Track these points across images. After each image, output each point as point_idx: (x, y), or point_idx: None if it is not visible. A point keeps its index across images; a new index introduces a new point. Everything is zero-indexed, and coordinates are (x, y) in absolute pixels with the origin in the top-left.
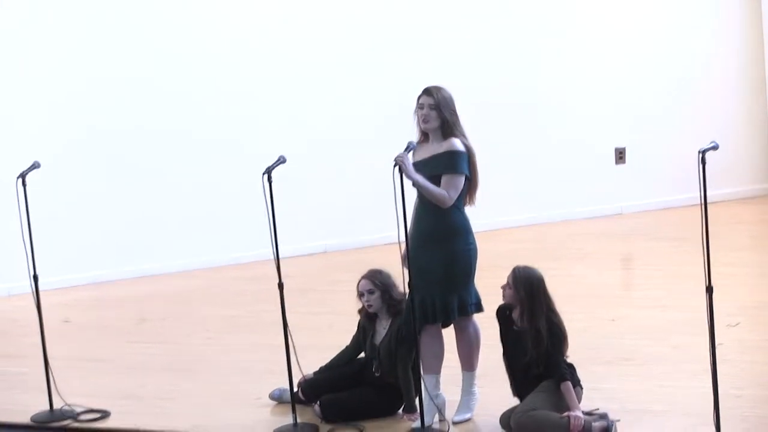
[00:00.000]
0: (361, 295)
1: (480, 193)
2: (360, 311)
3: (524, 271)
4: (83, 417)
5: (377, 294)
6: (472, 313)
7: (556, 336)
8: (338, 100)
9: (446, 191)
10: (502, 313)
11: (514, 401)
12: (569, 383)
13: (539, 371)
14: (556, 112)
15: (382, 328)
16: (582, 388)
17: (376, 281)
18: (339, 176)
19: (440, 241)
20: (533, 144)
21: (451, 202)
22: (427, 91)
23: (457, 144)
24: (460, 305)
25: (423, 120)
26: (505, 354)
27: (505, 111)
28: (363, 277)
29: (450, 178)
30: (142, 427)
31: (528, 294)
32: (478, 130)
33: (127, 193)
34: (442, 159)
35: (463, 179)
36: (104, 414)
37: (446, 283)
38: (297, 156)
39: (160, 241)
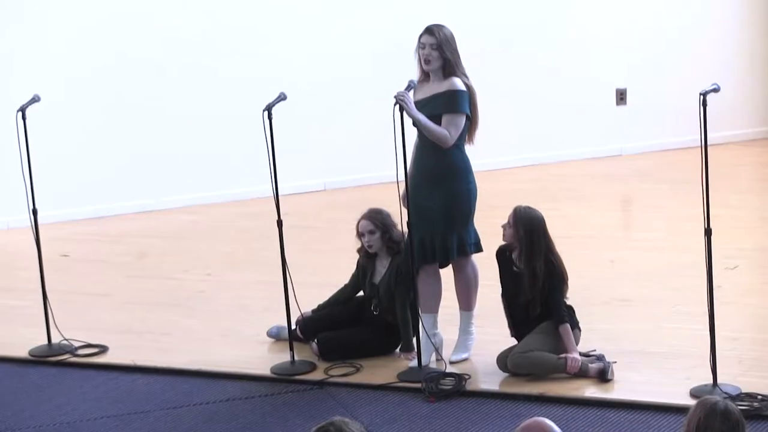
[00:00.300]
0: (361, 235)
1: (479, 133)
2: (359, 250)
3: (525, 211)
4: (81, 351)
5: (378, 234)
6: (471, 253)
7: (556, 278)
8: (339, 38)
9: (447, 130)
10: (502, 254)
11: (512, 341)
12: (568, 326)
13: (537, 312)
14: (557, 53)
15: (382, 267)
16: (580, 330)
17: (377, 221)
18: (339, 114)
19: (440, 180)
20: (534, 84)
21: (452, 142)
22: (429, 30)
23: (458, 83)
24: (459, 245)
25: (425, 60)
26: (504, 295)
27: (505, 52)
28: (363, 217)
29: (451, 118)
30: (139, 362)
31: (528, 234)
32: (478, 71)
33: (127, 129)
34: (443, 98)
35: (464, 119)
36: (102, 349)
37: (446, 222)
38: (297, 93)
39: (159, 177)
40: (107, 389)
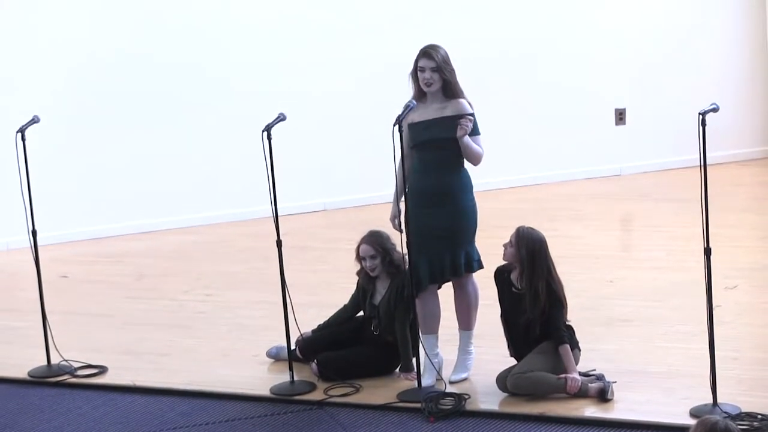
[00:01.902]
0: (362, 259)
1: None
2: (359, 273)
3: (528, 231)
4: (80, 372)
5: (378, 259)
6: (477, 269)
7: (556, 299)
8: (340, 57)
9: (482, 150)
10: (500, 275)
11: (511, 361)
12: (567, 346)
13: (537, 332)
14: (556, 73)
15: (382, 287)
16: (580, 350)
17: (377, 246)
18: (339, 134)
19: (449, 197)
20: (533, 104)
21: (482, 160)
22: (427, 54)
23: (466, 106)
24: (466, 261)
25: (426, 84)
26: (503, 315)
27: (504, 71)
28: (363, 242)
29: (477, 139)
30: (139, 383)
31: (529, 254)
32: (477, 90)
33: (127, 149)
34: (455, 121)
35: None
36: (102, 369)
37: (455, 239)
38: (298, 113)
39: (159, 197)
40: (107, 410)
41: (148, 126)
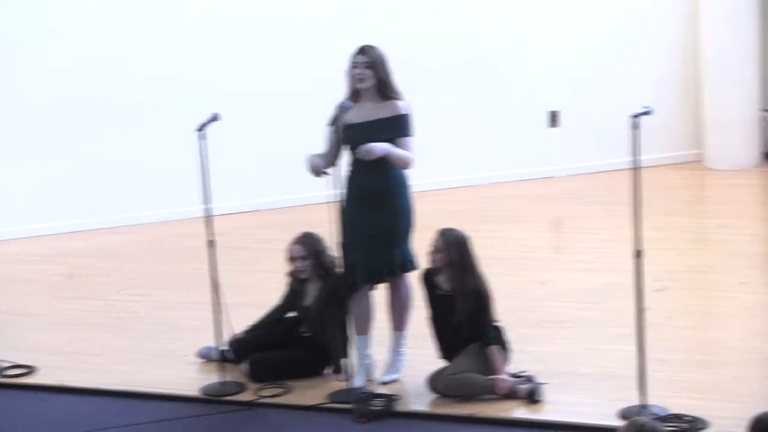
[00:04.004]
0: (292, 259)
1: (414, 152)
2: (290, 273)
3: (452, 232)
4: (9, 372)
5: (309, 261)
6: (412, 270)
7: (483, 298)
8: (273, 57)
9: (412, 154)
10: (427, 278)
11: (442, 363)
12: (495, 347)
13: (467, 333)
14: (489, 75)
15: (313, 289)
16: (510, 351)
17: (308, 247)
18: (273, 134)
19: (386, 197)
20: (466, 106)
21: (413, 163)
22: (362, 50)
23: (402, 107)
24: (402, 261)
25: (358, 79)
26: (431, 317)
27: (438, 72)
28: (295, 242)
29: (408, 141)
30: (69, 383)
31: (459, 255)
32: (413, 93)
33: (58, 148)
34: (392, 123)
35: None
36: (30, 369)
37: (391, 239)
38: (232, 114)
39: (91, 197)
40: (36, 411)
41: (79, 126)
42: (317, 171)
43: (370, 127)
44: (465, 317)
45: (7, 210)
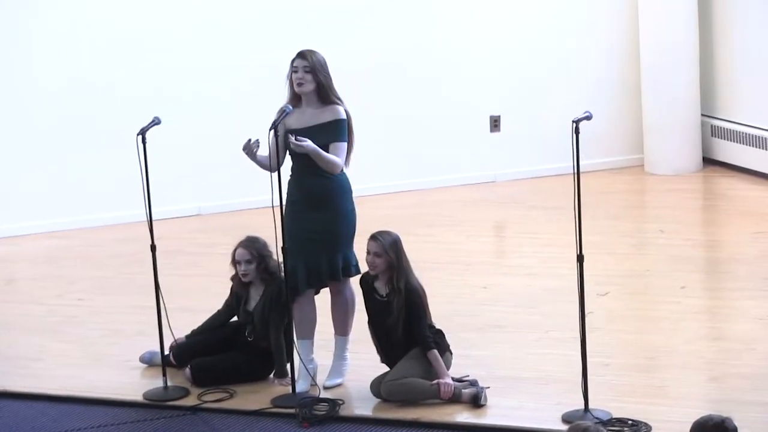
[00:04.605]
0: (237, 263)
1: (353, 158)
2: (233, 278)
3: (387, 235)
4: None
5: (254, 264)
6: (355, 274)
7: (420, 296)
8: (214, 62)
9: (340, 159)
10: (365, 282)
11: (386, 367)
12: (435, 351)
13: (402, 336)
14: (430, 79)
15: (256, 293)
16: (452, 353)
17: (253, 251)
18: (213, 137)
19: (327, 200)
20: (408, 110)
21: (341, 168)
22: (302, 55)
23: (341, 111)
24: (344, 265)
25: (297, 83)
26: (369, 322)
27: (380, 77)
28: (240, 246)
29: (341, 146)
30: (8, 387)
31: (397, 257)
32: (352, 95)
33: None
34: (330, 128)
35: (347, 144)
36: None
37: (332, 243)
38: (172, 117)
39: (30, 201)
40: None
41: (17, 128)
42: (249, 151)
43: (311, 133)
44: (401, 318)
45: None
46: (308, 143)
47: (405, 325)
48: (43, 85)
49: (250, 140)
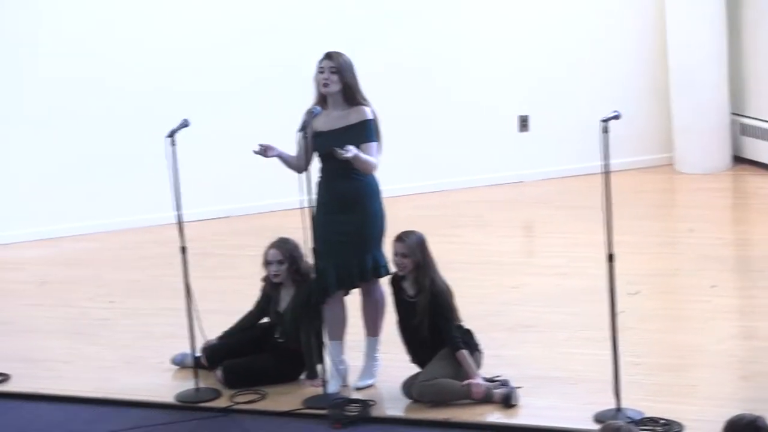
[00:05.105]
0: (268, 264)
1: (381, 158)
2: (264, 279)
3: (413, 235)
4: None
5: (285, 265)
6: (385, 275)
7: (445, 298)
8: (243, 65)
9: (376, 159)
10: (394, 282)
11: (416, 368)
12: (464, 352)
13: (426, 335)
14: (458, 80)
15: (287, 294)
16: (481, 353)
17: (285, 252)
18: (242, 140)
19: (357, 203)
20: (435, 110)
21: (377, 169)
22: (328, 56)
23: (368, 112)
24: (374, 266)
25: (324, 84)
26: (398, 323)
27: (407, 77)
28: (272, 246)
29: (372, 146)
30: (41, 390)
31: (423, 256)
32: (380, 96)
33: (28, 154)
34: (358, 129)
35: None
36: (4, 377)
37: (363, 244)
38: (201, 119)
39: (62, 204)
40: (9, 418)
41: (49, 132)
42: (264, 152)
43: (338, 135)
44: (426, 317)
45: None
46: (353, 150)
47: (431, 325)
48: (81, 90)
49: (261, 146)
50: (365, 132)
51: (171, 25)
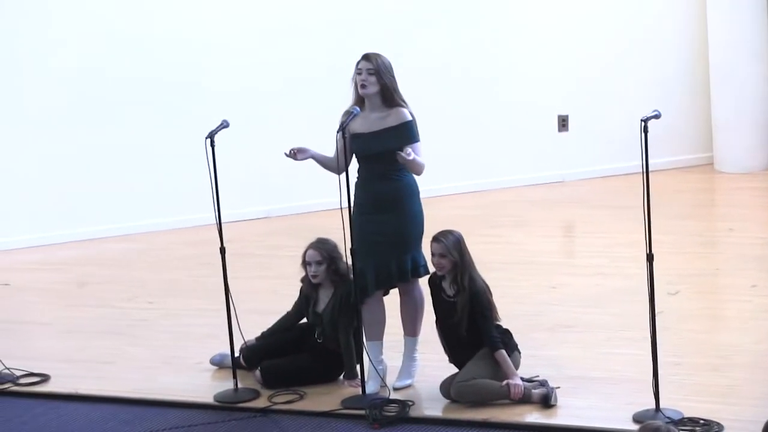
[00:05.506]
0: (307, 264)
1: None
2: (302, 279)
3: (450, 235)
4: (23, 380)
5: (324, 266)
6: (424, 275)
7: (484, 297)
8: (279, 64)
9: (423, 160)
10: (433, 282)
11: (455, 368)
12: (503, 352)
13: (464, 335)
14: (498, 79)
15: (325, 295)
16: (520, 353)
17: (324, 252)
18: (281, 141)
19: (396, 203)
20: (475, 110)
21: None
22: (366, 57)
23: (407, 113)
24: (413, 266)
25: (362, 85)
26: (437, 323)
27: (447, 78)
28: (310, 247)
29: (417, 146)
30: (81, 390)
31: (461, 256)
32: (421, 98)
33: (69, 156)
34: (399, 131)
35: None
36: (44, 378)
37: (401, 244)
38: (240, 120)
39: (101, 205)
40: (48, 418)
41: (88, 133)
42: (295, 155)
43: (377, 137)
44: (464, 317)
45: (15, 219)
46: (413, 152)
47: (470, 325)
48: (120, 90)
49: (292, 149)
50: (408, 133)
51: (211, 24)
